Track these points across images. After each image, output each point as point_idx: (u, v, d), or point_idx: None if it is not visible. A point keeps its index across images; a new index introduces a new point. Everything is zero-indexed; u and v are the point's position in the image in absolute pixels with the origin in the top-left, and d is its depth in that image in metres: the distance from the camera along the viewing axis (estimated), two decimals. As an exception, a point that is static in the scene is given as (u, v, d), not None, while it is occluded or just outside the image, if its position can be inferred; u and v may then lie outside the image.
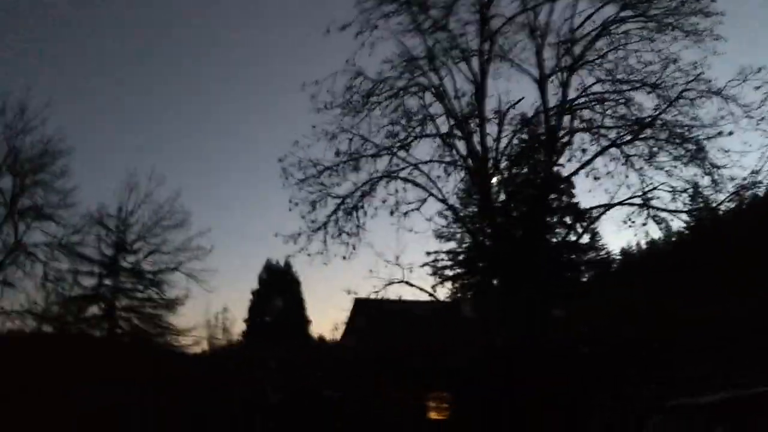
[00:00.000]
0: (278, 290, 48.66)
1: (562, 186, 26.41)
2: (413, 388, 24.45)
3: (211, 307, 49.10)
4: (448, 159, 23.74)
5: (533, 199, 25.51)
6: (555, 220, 27.67)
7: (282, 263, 49.32)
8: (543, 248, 25.83)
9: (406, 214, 23.76)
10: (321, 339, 53.64)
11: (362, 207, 23.20)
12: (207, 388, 29.37)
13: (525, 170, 27.01)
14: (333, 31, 22.48)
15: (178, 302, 33.85)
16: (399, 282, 24.00)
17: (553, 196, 26.70)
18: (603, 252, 34.31)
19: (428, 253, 31.15)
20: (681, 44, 22.35)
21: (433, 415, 24.70)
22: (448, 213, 30.72)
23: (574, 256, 30.83)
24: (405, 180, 23.50)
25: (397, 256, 23.59)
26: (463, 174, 24.37)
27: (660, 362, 20.40)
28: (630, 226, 23.94)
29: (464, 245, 39.57)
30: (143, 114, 78.15)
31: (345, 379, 24.74)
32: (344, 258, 23.16)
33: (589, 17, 23.82)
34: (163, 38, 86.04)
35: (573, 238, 26.61)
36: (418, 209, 23.81)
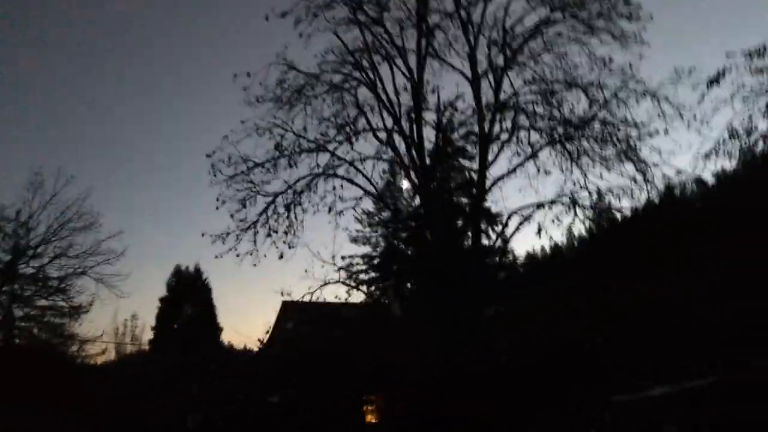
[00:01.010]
0: (188, 297, 46.59)
1: (474, 190, 26.51)
2: (348, 391, 23.77)
3: (120, 314, 46.67)
4: (386, 157, 23.27)
5: (447, 202, 25.37)
6: (466, 223, 27.78)
7: (192, 269, 47.32)
8: (456, 252, 25.63)
9: (340, 213, 23.22)
10: (230, 345, 52.11)
11: (300, 204, 22.38)
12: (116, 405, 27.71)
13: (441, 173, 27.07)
14: (272, 18, 21.58)
15: (83, 309, 31.97)
16: (335, 282, 23.38)
17: (465, 200, 26.74)
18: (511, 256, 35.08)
19: (343, 258, 30.74)
20: (610, 47, 22.91)
21: (369, 418, 24.11)
22: (364, 217, 30.50)
23: (487, 260, 31.23)
24: (342, 178, 22.89)
25: (333, 256, 22.94)
26: (401, 172, 23.90)
27: (604, 356, 20.62)
28: (558, 225, 24.43)
29: (378, 249, 39.56)
30: (50, 108, 72.93)
31: (280, 385, 23.65)
32: (280, 257, 22.32)
33: (520, 19, 24.11)
34: (76, 22, 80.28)
35: (485, 242, 26.66)
36: (353, 208, 23.28)
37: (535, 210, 23.91)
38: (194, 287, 46.93)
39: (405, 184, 26.40)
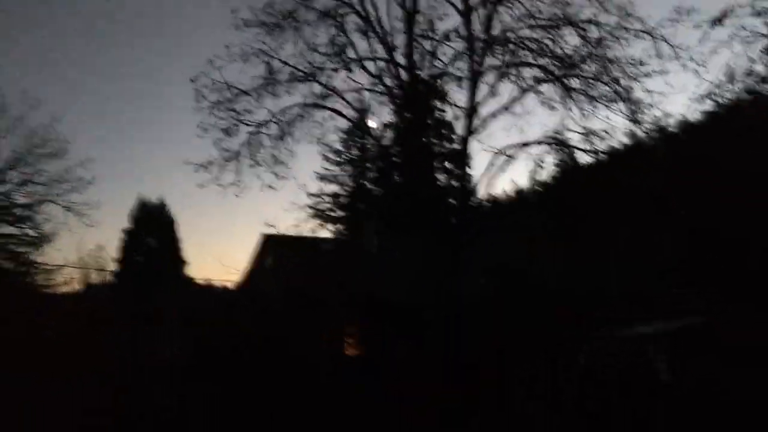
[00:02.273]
0: (152, 229, 45.52)
1: (443, 131, 26.20)
2: (329, 324, 23.85)
3: (86, 243, 45.76)
4: (379, 89, 22.70)
5: (417, 143, 24.98)
6: (438, 165, 27.53)
7: (156, 200, 46.12)
8: (425, 192, 25.39)
9: (329, 147, 22.78)
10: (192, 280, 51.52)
11: (289, 134, 21.81)
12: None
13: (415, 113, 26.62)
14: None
15: (47, 239, 31.02)
16: (319, 216, 23.05)
17: (435, 141, 26.39)
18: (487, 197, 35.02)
19: (310, 195, 30.29)
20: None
21: (349, 351, 24.29)
22: (331, 155, 29.99)
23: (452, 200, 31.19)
24: (331, 109, 22.32)
25: (320, 192, 22.55)
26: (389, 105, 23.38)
27: (583, 303, 21.08)
28: (540, 166, 24.43)
29: (345, 188, 39.31)
30: (13, 29, 68.74)
31: (262, 320, 23.50)
32: (270, 188, 21.81)
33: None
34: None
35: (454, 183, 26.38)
36: (342, 142, 22.82)
37: (520, 149, 23.81)
38: (158, 219, 45.89)
39: (372, 122, 25.92)
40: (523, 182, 26.99)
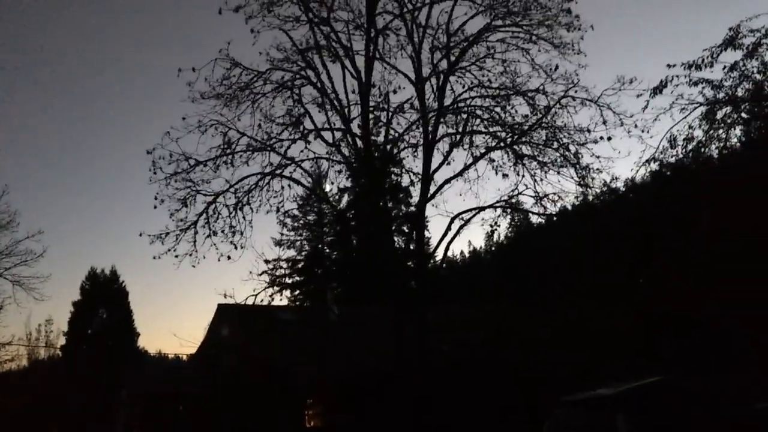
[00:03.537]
0: (103, 301, 44.54)
1: (401, 195, 26.62)
2: (291, 395, 23.39)
3: (35, 317, 44.38)
4: (336, 157, 23.03)
5: (374, 205, 25.25)
6: (394, 228, 27.81)
7: (108, 271, 45.30)
8: (382, 255, 25.53)
9: (286, 213, 22.84)
10: (146, 351, 50.19)
11: (248, 204, 21.80)
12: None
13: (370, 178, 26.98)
14: (225, 12, 21.05)
15: (-5, 313, 29.96)
16: (275, 283, 22.92)
17: (392, 205, 26.72)
18: (444, 261, 35.29)
19: (266, 261, 30.02)
20: (550, 55, 23.56)
21: (311, 422, 23.80)
22: (288, 220, 29.87)
23: (410, 264, 31.39)
24: (289, 178, 22.49)
25: (278, 257, 22.49)
26: (346, 173, 23.70)
27: (538, 366, 21.26)
28: (496, 229, 24.85)
29: (303, 253, 39.22)
30: None
31: (221, 390, 22.93)
32: (228, 258, 21.58)
33: (463, 24, 24.41)
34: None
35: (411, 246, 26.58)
36: (299, 208, 22.94)
37: (476, 213, 24.21)
38: (110, 291, 44.97)
39: (328, 187, 26.17)
40: (480, 244, 27.31)
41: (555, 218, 25.91)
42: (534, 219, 26.76)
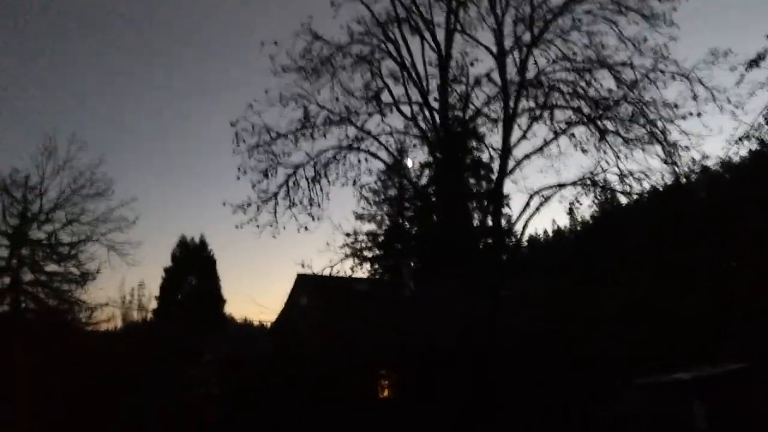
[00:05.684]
0: (192, 268, 46.33)
1: (482, 171, 26.22)
2: (365, 366, 23.75)
3: (128, 282, 46.60)
4: (414, 131, 23.00)
5: (454, 182, 24.96)
6: (475, 205, 27.49)
7: (197, 240, 47.08)
8: (462, 232, 25.27)
9: (362, 187, 23.06)
10: (232, 318, 52.06)
11: (325, 176, 22.14)
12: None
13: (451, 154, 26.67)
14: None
15: (90, 276, 31.64)
16: (345, 258, 23.23)
17: (473, 181, 26.38)
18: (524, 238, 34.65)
19: (347, 234, 30.39)
20: (639, 27, 22.55)
21: (385, 393, 24.12)
22: (369, 194, 30.11)
23: (488, 240, 30.97)
24: (367, 152, 22.64)
25: (354, 230, 22.78)
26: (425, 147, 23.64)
27: (617, 345, 20.71)
28: (577, 207, 24.20)
29: (384, 227, 39.37)
30: (66, 72, 72.13)
31: (297, 357, 23.57)
32: (305, 228, 22.05)
33: (549, -6, 23.66)
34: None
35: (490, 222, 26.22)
36: (376, 182, 23.09)
37: (556, 191, 23.64)
38: (199, 258, 46.70)
39: (410, 162, 26.14)
40: (561, 222, 26.72)
41: (640, 197, 24.95)
42: (619, 198, 25.95)
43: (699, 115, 20.51)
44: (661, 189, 24.38)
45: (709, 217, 28.09)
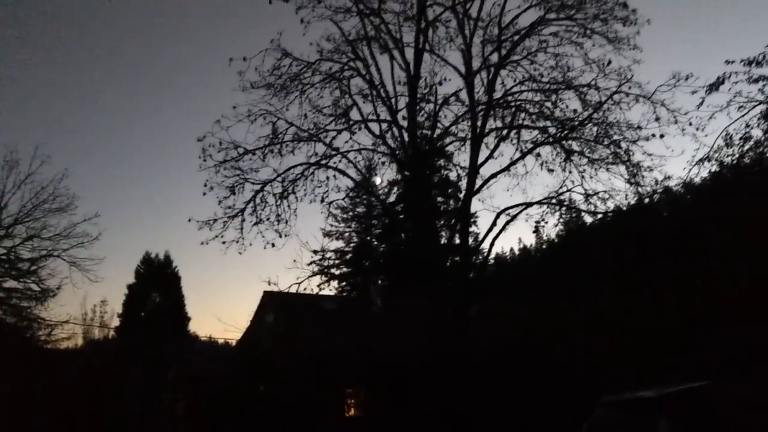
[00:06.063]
0: (156, 285, 45.71)
1: (449, 189, 26.42)
2: (333, 384, 23.58)
3: (90, 298, 45.73)
4: (383, 149, 23.10)
5: (422, 200, 25.10)
6: (442, 223, 27.66)
7: (162, 256, 46.51)
8: (430, 250, 25.38)
9: (330, 204, 23.07)
10: (196, 336, 51.30)
11: (293, 193, 22.06)
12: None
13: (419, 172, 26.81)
14: (275, 2, 21.25)
15: (52, 293, 31.07)
16: (323, 273, 23.11)
17: (440, 199, 26.55)
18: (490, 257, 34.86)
19: (314, 252, 30.25)
20: (604, 50, 23.06)
21: (352, 412, 23.94)
22: (337, 211, 30.15)
23: (457, 258, 31.12)
24: (335, 169, 22.66)
25: (321, 247, 22.73)
26: (394, 165, 23.74)
27: (583, 366, 20.89)
28: (543, 226, 24.45)
29: (352, 244, 39.30)
30: (30, 85, 70.89)
31: (263, 375, 23.28)
32: (272, 246, 21.91)
33: (515, 17, 24.09)
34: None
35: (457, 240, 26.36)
36: (344, 199, 23.12)
37: (523, 209, 23.88)
38: (163, 275, 46.12)
39: (378, 180, 26.25)
40: (527, 241, 27.00)
41: (604, 217, 25.35)
42: (584, 217, 26.34)
43: (662, 136, 20.99)
44: (624, 209, 24.83)
45: (673, 235, 28.64)
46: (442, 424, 21.25)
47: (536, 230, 23.52)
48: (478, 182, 23.95)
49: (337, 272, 34.02)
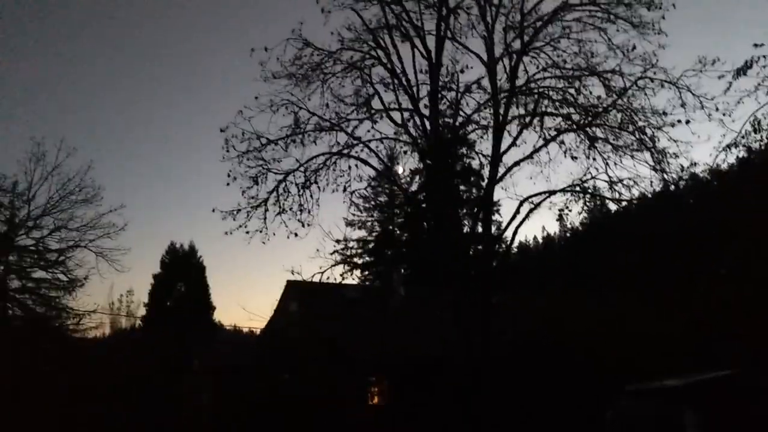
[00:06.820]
0: (181, 275, 46.00)
1: (472, 177, 26.26)
2: (355, 373, 23.69)
3: (117, 288, 46.38)
4: (405, 138, 23.02)
5: (444, 189, 24.95)
6: (465, 211, 27.53)
7: (187, 246, 46.80)
8: (452, 239, 25.25)
9: (353, 193, 23.09)
10: (221, 325, 51.72)
11: (315, 183, 22.10)
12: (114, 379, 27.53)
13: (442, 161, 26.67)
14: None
15: (78, 283, 31.52)
16: (335, 264, 23.18)
17: (463, 187, 26.39)
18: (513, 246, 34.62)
19: (337, 241, 30.25)
20: (628, 35, 22.70)
21: (375, 400, 24.04)
22: (359, 201, 30.18)
23: (480, 247, 30.96)
24: (357, 158, 22.65)
25: (344, 237, 22.75)
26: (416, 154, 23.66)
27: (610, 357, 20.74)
28: (567, 214, 24.22)
29: (374, 234, 39.26)
30: (56, 78, 71.87)
31: (287, 364, 23.48)
32: (295, 235, 21.97)
33: (538, 3, 23.82)
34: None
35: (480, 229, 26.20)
36: (366, 188, 23.11)
37: (546, 197, 23.67)
38: (188, 265, 46.39)
39: (400, 169, 26.18)
40: (551, 229, 26.79)
41: (629, 204, 25.01)
42: (609, 205, 26.04)
43: (687, 122, 20.65)
44: (649, 196, 24.50)
45: (700, 223, 28.22)
46: (464, 415, 21.23)
47: (560, 218, 23.31)
48: (501, 170, 23.81)
49: (360, 261, 34.14)
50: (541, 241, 72.15)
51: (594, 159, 22.61)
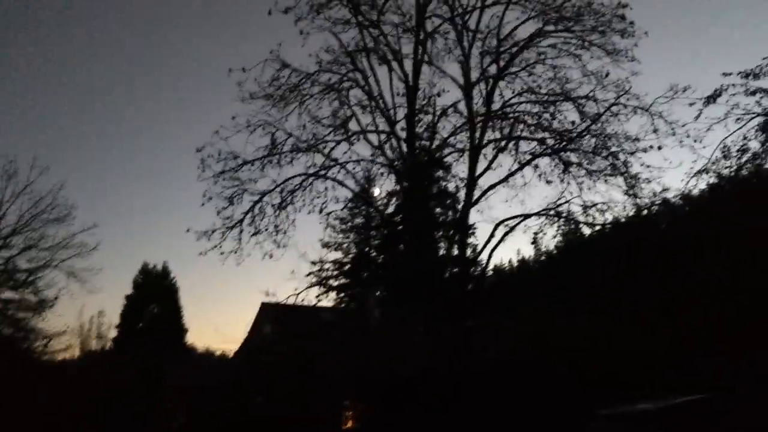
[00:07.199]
0: (154, 296, 45.34)
1: (448, 200, 26.44)
2: (330, 395, 23.44)
3: (87, 309, 45.71)
4: (381, 160, 23.13)
5: (420, 211, 25.07)
6: (440, 234, 27.65)
7: (160, 267, 46.16)
8: (428, 260, 25.33)
9: (329, 214, 23.07)
10: (194, 348, 50.98)
11: (291, 203, 22.08)
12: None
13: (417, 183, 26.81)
14: (274, 13, 21.39)
15: (48, 304, 30.93)
16: (309, 287, 23.10)
17: (439, 210, 26.54)
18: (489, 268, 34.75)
19: (313, 263, 30.15)
20: (602, 62, 23.15)
21: (349, 424, 23.78)
22: (336, 222, 30.31)
23: (456, 270, 31.06)
24: (333, 180, 22.68)
25: (320, 258, 22.66)
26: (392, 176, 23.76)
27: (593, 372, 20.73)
28: (542, 237, 24.48)
29: (350, 256, 39.14)
30: (28, 95, 70.97)
31: (260, 385, 23.18)
32: (270, 257, 21.88)
33: (514, 29, 24.22)
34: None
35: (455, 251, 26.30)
36: (342, 209, 23.13)
37: (521, 221, 23.91)
38: (161, 286, 45.77)
39: (377, 191, 26.28)
40: (526, 252, 27.03)
41: (602, 228, 25.31)
42: (583, 229, 26.32)
43: (659, 148, 21.09)
44: (623, 220, 24.82)
45: (671, 247, 28.53)
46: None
47: (534, 241, 23.55)
48: (477, 193, 24.06)
49: (335, 283, 34.01)
50: (516, 263, 72.46)
51: (568, 183, 22.95)
